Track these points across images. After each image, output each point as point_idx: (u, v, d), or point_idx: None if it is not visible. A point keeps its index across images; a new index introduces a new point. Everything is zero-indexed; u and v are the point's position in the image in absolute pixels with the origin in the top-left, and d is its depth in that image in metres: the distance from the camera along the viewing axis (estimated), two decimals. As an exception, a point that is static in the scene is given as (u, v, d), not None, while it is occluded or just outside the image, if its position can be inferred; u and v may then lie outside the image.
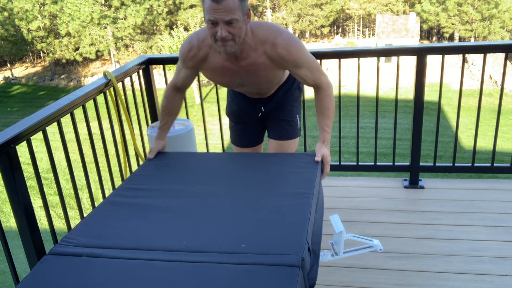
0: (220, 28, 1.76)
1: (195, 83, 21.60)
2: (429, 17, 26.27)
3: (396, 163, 3.21)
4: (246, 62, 1.96)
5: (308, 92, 2.94)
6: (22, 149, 2.09)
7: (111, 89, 2.81)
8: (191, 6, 26.98)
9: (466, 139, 15.97)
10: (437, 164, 3.15)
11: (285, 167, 1.97)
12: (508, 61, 3.04)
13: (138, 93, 3.26)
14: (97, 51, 26.39)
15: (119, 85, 2.86)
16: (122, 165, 2.98)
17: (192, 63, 2.06)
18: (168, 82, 3.53)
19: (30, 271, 1.36)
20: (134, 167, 3.41)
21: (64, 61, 27.09)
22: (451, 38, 27.74)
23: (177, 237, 1.43)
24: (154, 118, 3.37)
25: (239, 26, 1.78)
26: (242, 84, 2.11)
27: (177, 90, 2.26)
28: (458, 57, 22.80)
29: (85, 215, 2.70)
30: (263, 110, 2.36)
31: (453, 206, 2.84)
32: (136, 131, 3.15)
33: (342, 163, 3.35)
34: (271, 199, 1.66)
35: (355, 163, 3.27)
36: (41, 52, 28.28)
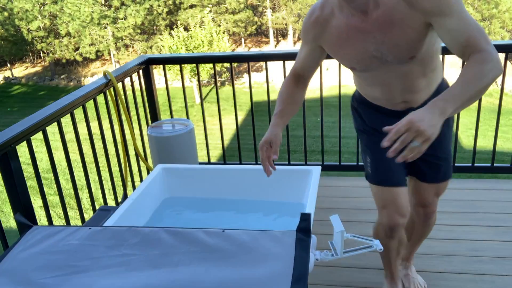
0: None
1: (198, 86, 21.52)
2: (429, 17, 26.29)
3: (396, 163, 3.21)
4: (378, 13, 1.41)
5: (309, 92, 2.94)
6: (22, 149, 2.09)
7: (111, 89, 2.81)
8: (191, 6, 26.96)
9: (466, 139, 15.97)
10: (437, 164, 3.15)
11: None
12: (508, 61, 3.05)
13: (138, 93, 3.26)
14: (97, 51, 26.38)
15: (119, 85, 2.86)
16: (122, 165, 2.98)
17: (314, 32, 1.57)
18: (169, 82, 3.54)
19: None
20: (134, 167, 3.41)
21: (64, 61, 27.07)
22: (451, 38, 27.71)
23: None
24: (154, 118, 3.37)
25: None
26: (377, 55, 1.49)
27: (297, 78, 1.74)
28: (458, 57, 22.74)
29: (85, 215, 2.71)
30: None
31: (453, 206, 2.84)
32: (136, 131, 3.15)
33: (342, 163, 3.35)
34: None
35: (355, 163, 3.27)
36: (41, 52, 28.27)
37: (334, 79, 3.65)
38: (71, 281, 0.84)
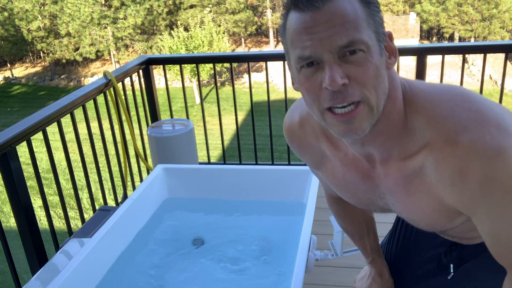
0: (328, 67, 0.77)
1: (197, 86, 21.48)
2: (429, 17, 26.26)
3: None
4: (387, 170, 0.93)
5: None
6: (22, 149, 2.09)
7: (111, 89, 2.81)
8: (191, 6, 26.96)
9: (466, 139, 15.96)
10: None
11: None
12: (508, 61, 3.07)
13: (138, 93, 3.26)
14: (97, 51, 26.38)
15: (119, 85, 2.86)
16: (122, 165, 2.98)
17: (305, 159, 1.11)
18: (169, 82, 3.54)
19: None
20: (134, 167, 3.41)
21: (64, 61, 27.07)
22: (451, 38, 27.72)
23: None
24: (154, 118, 3.37)
25: (371, 62, 0.77)
26: (388, 209, 1.04)
27: (336, 199, 1.29)
28: (458, 57, 22.78)
29: (85, 215, 2.71)
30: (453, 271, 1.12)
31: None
32: (136, 131, 3.15)
33: (342, 163, 3.35)
34: None
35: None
36: (41, 52, 28.26)
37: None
38: None
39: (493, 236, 0.86)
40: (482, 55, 2.89)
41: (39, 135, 2.21)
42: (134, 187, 3.09)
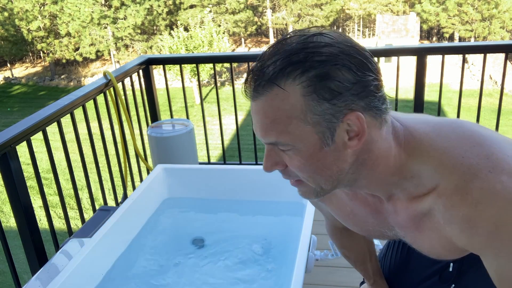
0: (265, 154, 0.84)
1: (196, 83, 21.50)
2: (429, 17, 26.26)
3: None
4: (396, 207, 0.94)
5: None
6: (22, 149, 2.09)
7: (111, 89, 2.81)
8: (191, 6, 26.96)
9: (466, 139, 15.93)
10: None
11: None
12: (508, 61, 3.06)
13: (138, 93, 3.26)
14: (97, 51, 26.38)
15: (119, 85, 2.86)
16: (122, 165, 2.98)
17: None
18: (168, 82, 3.54)
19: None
20: (134, 167, 3.41)
21: (64, 61, 27.07)
22: (451, 38, 27.73)
23: None
24: (154, 118, 3.37)
25: (302, 157, 0.80)
26: (396, 239, 1.07)
27: (340, 229, 1.31)
28: (458, 57, 22.78)
29: (85, 215, 2.71)
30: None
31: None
32: (136, 131, 3.15)
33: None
34: None
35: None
36: (41, 52, 28.27)
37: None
38: None
39: (499, 274, 0.87)
40: (482, 55, 2.89)
41: (39, 135, 2.21)
42: (134, 187, 3.09)
